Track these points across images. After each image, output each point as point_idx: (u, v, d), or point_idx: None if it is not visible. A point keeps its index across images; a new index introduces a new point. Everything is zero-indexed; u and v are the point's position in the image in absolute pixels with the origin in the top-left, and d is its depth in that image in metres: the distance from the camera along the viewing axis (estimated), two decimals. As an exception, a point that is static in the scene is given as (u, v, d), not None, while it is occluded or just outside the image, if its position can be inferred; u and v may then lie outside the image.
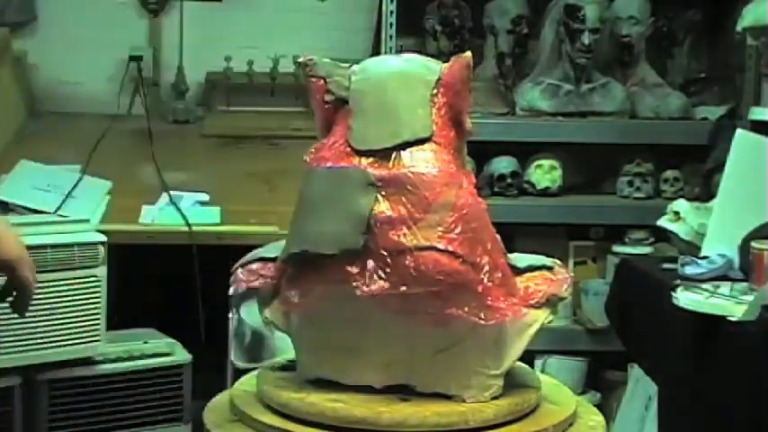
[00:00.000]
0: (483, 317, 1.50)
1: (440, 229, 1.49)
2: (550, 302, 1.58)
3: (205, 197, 3.48)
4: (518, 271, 1.60)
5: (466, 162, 1.62)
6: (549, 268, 1.62)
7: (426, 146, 1.53)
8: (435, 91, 1.56)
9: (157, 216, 3.39)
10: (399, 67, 1.62)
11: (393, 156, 1.53)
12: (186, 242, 3.25)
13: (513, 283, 1.56)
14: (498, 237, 1.59)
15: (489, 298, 1.50)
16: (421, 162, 1.52)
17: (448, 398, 1.55)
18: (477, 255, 1.50)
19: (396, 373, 1.56)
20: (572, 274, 1.66)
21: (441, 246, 1.48)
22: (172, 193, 3.40)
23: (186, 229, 3.29)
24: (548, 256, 1.68)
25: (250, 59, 4.04)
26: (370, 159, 1.54)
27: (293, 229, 1.58)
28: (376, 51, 3.75)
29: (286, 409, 1.54)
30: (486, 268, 1.51)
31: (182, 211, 3.33)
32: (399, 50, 3.61)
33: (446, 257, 1.48)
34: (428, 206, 1.49)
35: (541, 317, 1.57)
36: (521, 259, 1.63)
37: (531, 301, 1.56)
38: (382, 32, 3.66)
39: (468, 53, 1.56)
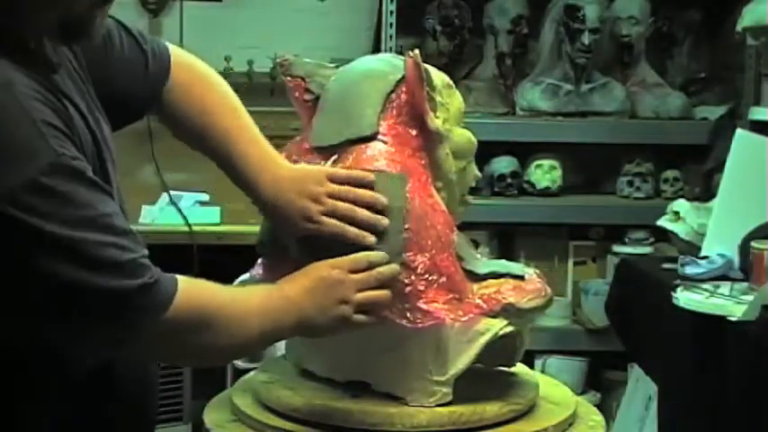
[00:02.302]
0: (411, 318, 1.47)
1: None
2: (508, 312, 1.51)
3: (205, 197, 3.48)
4: (477, 277, 1.55)
5: (442, 161, 1.58)
6: (519, 277, 1.55)
7: (373, 144, 1.54)
8: (396, 89, 1.56)
9: (157, 216, 3.39)
10: (366, 66, 1.64)
11: (345, 153, 1.55)
12: (186, 242, 3.25)
13: (462, 288, 1.51)
14: (455, 239, 1.54)
15: (421, 300, 1.47)
16: (364, 161, 1.53)
17: (397, 399, 1.53)
18: (404, 255, 1.48)
19: (351, 369, 1.56)
20: (543, 286, 1.57)
21: None
22: (172, 192, 3.40)
23: (186, 229, 3.30)
24: (548, 256, 1.66)
25: (250, 59, 4.04)
26: (334, 157, 1.56)
27: (262, 222, 1.63)
28: (376, 51, 3.75)
29: (256, 394, 1.56)
30: (419, 269, 1.48)
31: (182, 211, 3.34)
32: (399, 50, 3.62)
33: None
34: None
35: (496, 326, 1.50)
36: (485, 265, 1.57)
37: (483, 309, 1.50)
38: (382, 32, 3.66)
39: (416, 51, 1.55)
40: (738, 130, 3.04)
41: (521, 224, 3.68)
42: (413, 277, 1.46)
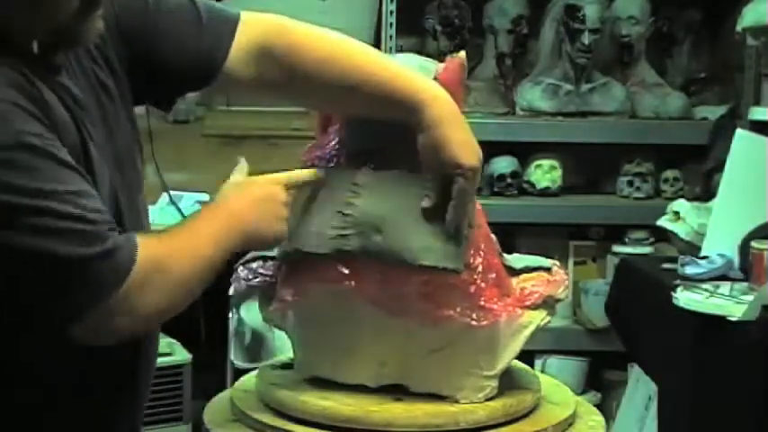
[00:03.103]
0: (475, 317, 1.49)
1: None
2: (547, 304, 1.56)
3: (205, 197, 3.48)
4: (514, 272, 1.59)
5: None
6: (547, 269, 1.61)
7: None
8: None
9: (157, 216, 3.39)
10: None
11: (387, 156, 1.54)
12: (186, 242, 3.24)
13: (507, 284, 1.55)
14: (494, 237, 1.59)
15: (482, 298, 1.49)
16: None
17: (442, 398, 1.54)
18: (469, 255, 1.50)
19: (390, 372, 1.56)
20: (567, 276, 1.63)
21: None
22: (172, 193, 3.40)
23: (186, 229, 3.29)
24: (548, 256, 1.67)
25: (250, 59, 4.04)
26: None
27: (288, 227, 1.59)
28: (376, 51, 3.74)
29: (280, 406, 1.54)
30: (480, 269, 1.50)
31: (182, 211, 3.33)
32: (399, 50, 3.62)
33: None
34: None
35: (537, 318, 1.55)
36: (518, 260, 1.62)
37: (527, 303, 1.54)
38: (382, 32, 3.66)
39: (463, 53, 1.56)
40: (738, 130, 3.04)
41: (521, 224, 3.67)
42: (475, 276, 1.48)
